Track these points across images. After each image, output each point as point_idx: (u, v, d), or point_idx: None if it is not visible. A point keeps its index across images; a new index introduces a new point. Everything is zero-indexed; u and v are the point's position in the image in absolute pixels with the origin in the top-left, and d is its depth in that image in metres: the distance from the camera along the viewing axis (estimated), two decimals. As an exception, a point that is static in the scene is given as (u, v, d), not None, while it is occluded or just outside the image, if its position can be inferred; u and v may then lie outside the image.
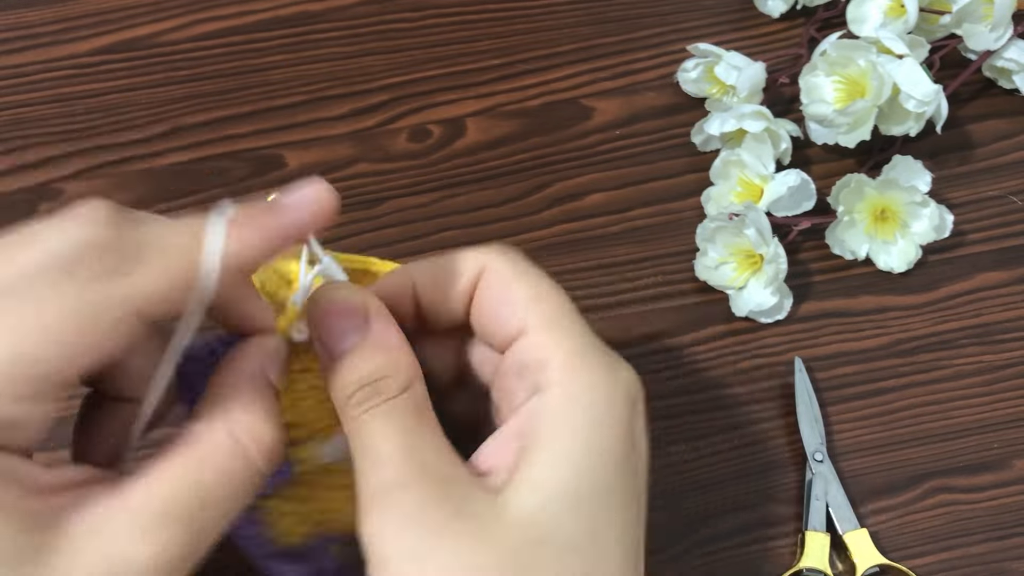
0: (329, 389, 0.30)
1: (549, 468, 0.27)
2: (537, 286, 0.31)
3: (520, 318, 0.30)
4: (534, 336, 0.30)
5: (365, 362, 0.29)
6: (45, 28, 0.55)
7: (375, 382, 0.29)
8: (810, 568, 0.41)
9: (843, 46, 0.48)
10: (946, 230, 0.48)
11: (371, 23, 0.56)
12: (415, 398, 0.29)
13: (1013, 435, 0.45)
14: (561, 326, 0.30)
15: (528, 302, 0.30)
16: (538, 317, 0.30)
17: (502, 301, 0.31)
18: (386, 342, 0.30)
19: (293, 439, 0.32)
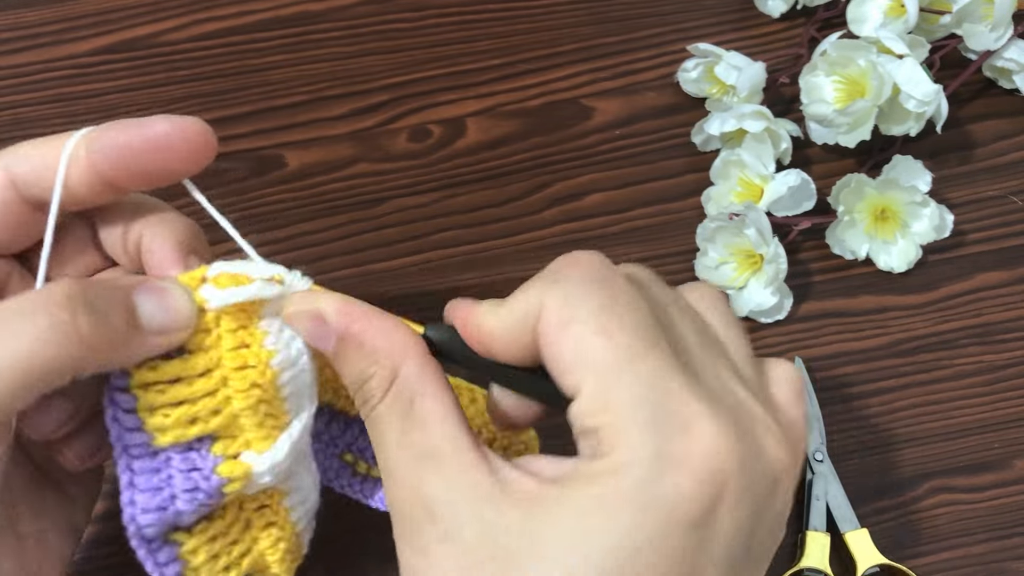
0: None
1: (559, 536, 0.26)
2: (591, 329, 0.27)
3: (574, 378, 0.27)
4: (586, 401, 0.27)
5: (345, 367, 0.30)
6: (45, 28, 0.55)
7: (361, 387, 0.29)
8: (810, 568, 0.41)
9: (843, 46, 0.48)
10: (946, 230, 0.48)
11: (371, 23, 0.56)
12: (401, 393, 0.29)
13: (1014, 435, 0.45)
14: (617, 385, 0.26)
15: (578, 358, 0.27)
16: (591, 375, 0.27)
17: (553, 358, 0.28)
18: (354, 338, 0.29)
19: (221, 452, 0.31)
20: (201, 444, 0.30)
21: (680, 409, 0.26)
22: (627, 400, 0.26)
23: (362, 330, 0.29)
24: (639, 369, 0.26)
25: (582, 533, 0.25)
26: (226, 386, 0.30)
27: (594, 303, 0.27)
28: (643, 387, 0.26)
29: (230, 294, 0.29)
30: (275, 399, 0.31)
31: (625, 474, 0.25)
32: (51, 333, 0.26)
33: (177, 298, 0.29)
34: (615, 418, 0.26)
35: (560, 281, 0.28)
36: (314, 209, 0.50)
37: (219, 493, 0.30)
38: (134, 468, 0.30)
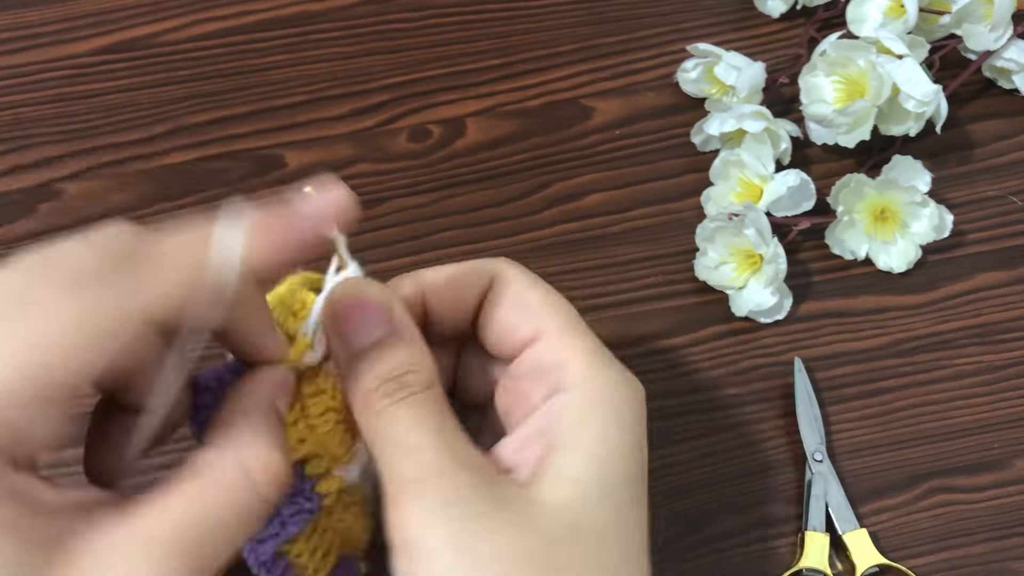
0: (349, 384, 0.30)
1: (579, 463, 0.29)
2: (550, 293, 0.32)
3: (536, 323, 0.32)
4: (552, 340, 0.31)
5: (392, 355, 0.30)
6: (45, 28, 0.55)
7: (402, 375, 0.29)
8: (810, 568, 0.41)
9: (843, 46, 0.48)
10: (946, 230, 0.48)
11: (371, 23, 0.56)
12: (439, 394, 0.30)
13: (1013, 435, 0.45)
14: (577, 331, 0.31)
15: (544, 308, 0.32)
16: (555, 322, 0.32)
17: (517, 308, 0.32)
18: (411, 338, 0.30)
19: (315, 473, 0.31)
20: (296, 468, 0.31)
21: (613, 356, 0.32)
22: (586, 342, 0.31)
23: (415, 333, 0.31)
24: (585, 326, 0.32)
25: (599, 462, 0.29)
26: (305, 415, 0.30)
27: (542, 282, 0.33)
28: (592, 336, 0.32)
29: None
30: (348, 414, 0.31)
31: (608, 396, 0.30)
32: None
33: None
34: (579, 353, 0.31)
35: (505, 262, 0.33)
36: (314, 209, 0.50)
37: (320, 506, 0.31)
38: None
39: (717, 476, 0.44)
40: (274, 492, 0.27)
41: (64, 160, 0.51)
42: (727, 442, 0.44)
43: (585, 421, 0.30)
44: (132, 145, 0.51)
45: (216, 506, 0.26)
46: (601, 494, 0.29)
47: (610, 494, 0.29)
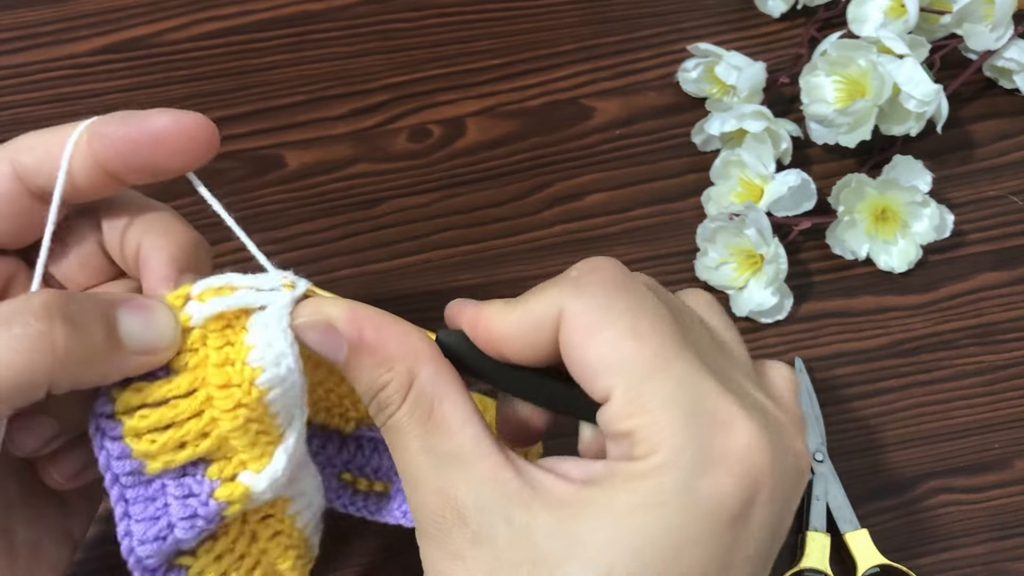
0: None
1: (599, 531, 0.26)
2: (620, 334, 0.27)
3: (604, 383, 0.27)
4: (618, 406, 0.27)
5: (359, 375, 0.29)
6: (45, 28, 0.55)
7: (376, 395, 0.29)
8: (811, 568, 0.41)
9: (843, 46, 0.48)
10: (946, 230, 0.48)
11: (371, 23, 0.56)
12: (420, 399, 0.28)
13: (1013, 435, 0.45)
14: (652, 389, 0.26)
15: (608, 364, 0.27)
16: (623, 380, 0.27)
17: (582, 363, 0.27)
18: (364, 345, 0.29)
19: (216, 476, 0.30)
20: (195, 468, 0.29)
21: (716, 409, 0.26)
22: (663, 401, 0.26)
23: (375, 336, 0.29)
24: (671, 371, 0.26)
25: (622, 532, 0.25)
26: (212, 407, 0.29)
27: (621, 307, 0.27)
28: (677, 388, 0.26)
29: (210, 306, 0.28)
30: (264, 416, 0.29)
31: (666, 473, 0.26)
32: (25, 343, 0.25)
33: (160, 317, 0.28)
34: (652, 419, 0.26)
35: (583, 286, 0.28)
36: (314, 209, 0.50)
37: (219, 517, 0.30)
38: (128, 498, 0.29)
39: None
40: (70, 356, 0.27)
41: (64, 160, 0.50)
42: (727, 442, 0.44)
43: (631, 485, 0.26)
44: (132, 145, 0.51)
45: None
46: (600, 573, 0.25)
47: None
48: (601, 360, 0.27)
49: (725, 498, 0.26)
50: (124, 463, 0.28)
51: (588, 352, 0.27)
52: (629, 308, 0.27)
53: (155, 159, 0.30)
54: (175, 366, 0.29)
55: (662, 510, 0.25)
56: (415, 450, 0.28)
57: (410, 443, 0.28)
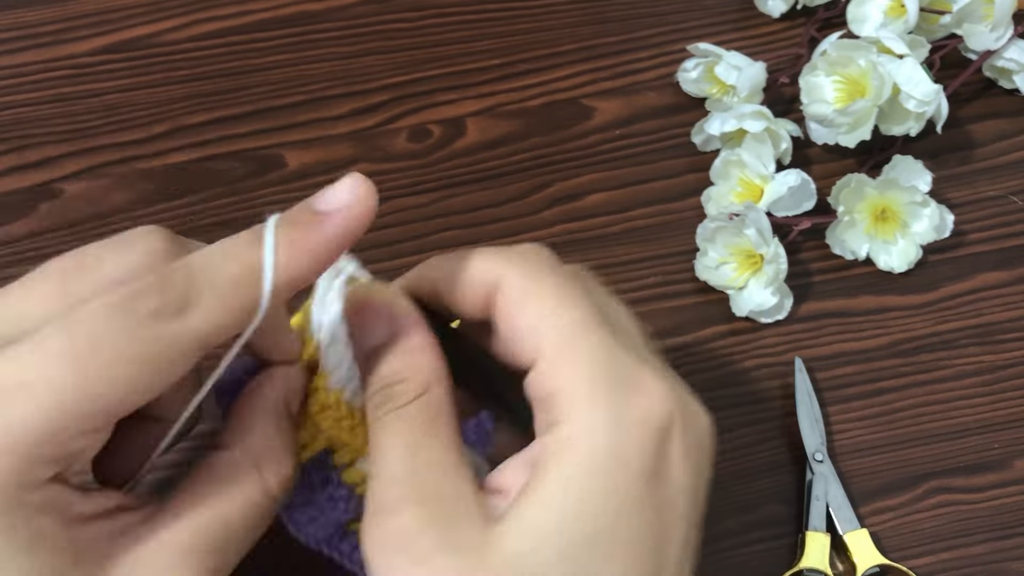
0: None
1: (543, 511, 0.26)
2: (549, 304, 0.28)
3: (531, 346, 0.28)
4: (544, 366, 0.28)
5: (386, 363, 0.29)
6: (45, 28, 0.55)
7: (390, 386, 0.29)
8: (810, 568, 0.41)
9: (843, 46, 0.48)
10: (946, 230, 0.48)
11: (371, 23, 0.56)
12: (429, 405, 0.29)
13: (1013, 435, 0.45)
14: (573, 351, 0.28)
15: (537, 327, 0.28)
16: (548, 344, 0.28)
17: (513, 327, 0.29)
18: (407, 343, 0.29)
19: (340, 463, 0.31)
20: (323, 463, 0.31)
21: (629, 372, 0.28)
22: (582, 365, 0.27)
23: (412, 337, 0.29)
24: (591, 339, 0.28)
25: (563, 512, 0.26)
26: (307, 412, 0.31)
27: (551, 282, 0.29)
28: (596, 354, 0.28)
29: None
30: (352, 411, 0.31)
31: (591, 438, 0.27)
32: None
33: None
34: (569, 384, 0.27)
35: (519, 261, 0.30)
36: (314, 209, 0.49)
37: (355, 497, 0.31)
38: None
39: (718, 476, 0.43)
40: (282, 493, 0.28)
41: (64, 160, 0.51)
42: (727, 442, 0.44)
43: (560, 465, 0.26)
44: (132, 145, 0.51)
45: (234, 510, 0.27)
46: (562, 549, 0.26)
47: (573, 549, 0.26)
48: (530, 326, 0.28)
49: (642, 454, 0.27)
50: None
51: (519, 319, 0.29)
52: (557, 283, 0.29)
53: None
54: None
55: (590, 479, 0.26)
56: (412, 444, 0.28)
57: (410, 437, 0.28)
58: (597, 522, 0.26)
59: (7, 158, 0.51)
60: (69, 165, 0.50)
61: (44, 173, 0.50)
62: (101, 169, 0.50)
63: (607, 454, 0.26)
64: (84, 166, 0.50)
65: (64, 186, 0.50)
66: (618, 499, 0.26)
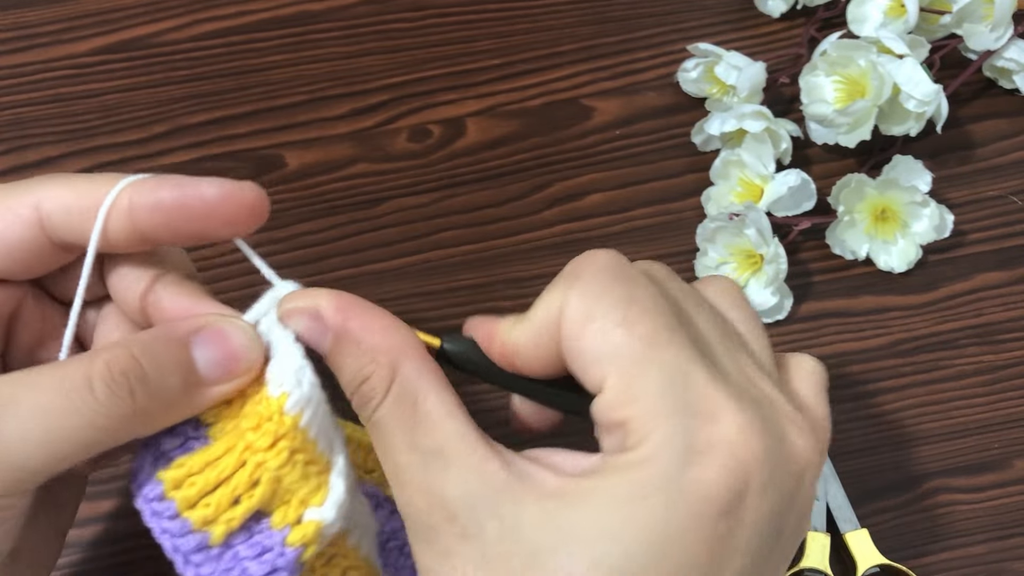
0: None
1: (588, 524, 0.26)
2: (613, 322, 0.27)
3: (597, 372, 0.27)
4: (610, 395, 0.27)
5: (343, 365, 0.29)
6: (45, 28, 0.55)
7: (359, 387, 0.28)
8: (810, 568, 0.41)
9: (843, 46, 0.48)
10: (946, 230, 0.48)
11: (371, 23, 0.56)
12: (405, 390, 0.28)
13: (1013, 435, 0.45)
14: (642, 375, 0.26)
15: (601, 351, 0.27)
16: (615, 369, 0.27)
17: (576, 354, 0.28)
18: (349, 334, 0.28)
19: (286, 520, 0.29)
20: (259, 524, 0.29)
21: (704, 398, 0.26)
22: (652, 391, 0.26)
23: (360, 327, 0.28)
24: (662, 359, 0.26)
25: (610, 525, 0.25)
26: (253, 452, 0.28)
27: (613, 297, 0.27)
28: (666, 377, 0.26)
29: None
30: (306, 443, 0.29)
31: (653, 465, 0.25)
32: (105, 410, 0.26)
33: (237, 339, 0.28)
34: (641, 410, 0.26)
35: (579, 279, 0.28)
36: (314, 209, 0.50)
37: (298, 564, 0.29)
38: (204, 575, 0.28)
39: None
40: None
41: (64, 160, 0.51)
42: (727, 442, 0.44)
43: (609, 488, 0.26)
44: (132, 145, 0.51)
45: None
46: (591, 567, 0.25)
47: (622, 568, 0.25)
48: (593, 350, 0.27)
49: (710, 490, 0.25)
50: (188, 539, 0.28)
51: (581, 343, 0.27)
52: (621, 297, 0.27)
53: (205, 229, 0.29)
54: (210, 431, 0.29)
55: (647, 503, 0.25)
56: (400, 447, 0.28)
57: (395, 439, 0.28)
58: (637, 549, 0.25)
59: (7, 158, 0.51)
60: (69, 165, 0.50)
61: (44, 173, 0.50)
62: (101, 169, 0.50)
63: (667, 485, 0.25)
64: (84, 166, 0.50)
65: (64, 186, 0.50)
66: (667, 530, 0.25)
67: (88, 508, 0.42)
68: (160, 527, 0.28)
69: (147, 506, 0.28)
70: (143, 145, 0.51)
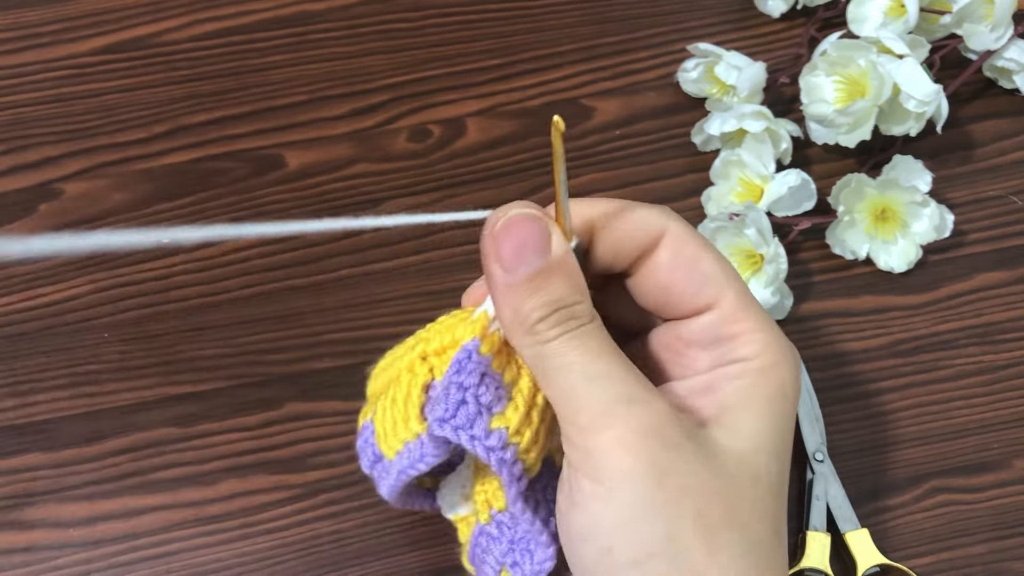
0: (506, 313, 0.30)
1: (757, 424, 0.30)
2: (721, 259, 0.32)
3: (712, 293, 0.32)
4: (727, 312, 0.31)
5: (558, 285, 0.29)
6: (45, 28, 0.55)
7: (570, 306, 0.29)
8: (811, 568, 0.41)
9: (843, 46, 0.48)
10: (946, 230, 0.48)
11: (371, 23, 0.56)
12: (602, 328, 0.30)
13: (1013, 435, 0.45)
14: (749, 302, 0.32)
15: (719, 276, 0.32)
16: (730, 293, 0.32)
17: (692, 274, 0.32)
18: (574, 268, 0.30)
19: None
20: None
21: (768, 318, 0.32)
22: (758, 312, 0.32)
23: (576, 266, 0.30)
24: (743, 283, 0.33)
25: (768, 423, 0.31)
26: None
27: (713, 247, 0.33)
28: (752, 296, 0.32)
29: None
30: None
31: (780, 370, 0.31)
32: None
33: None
34: (757, 325, 0.31)
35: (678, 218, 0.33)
36: (314, 209, 0.50)
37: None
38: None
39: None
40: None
41: (64, 160, 0.51)
42: (727, 442, 0.44)
43: (759, 389, 0.31)
44: (132, 145, 0.51)
45: None
46: (774, 453, 0.30)
47: (780, 454, 0.31)
48: (712, 273, 0.32)
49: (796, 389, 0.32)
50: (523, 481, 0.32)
51: (702, 264, 0.32)
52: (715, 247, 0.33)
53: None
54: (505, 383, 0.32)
55: (784, 400, 0.31)
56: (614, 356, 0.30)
57: (609, 347, 0.30)
58: (786, 438, 0.31)
59: (7, 158, 0.51)
60: (69, 165, 0.50)
61: (44, 173, 0.50)
62: (101, 169, 0.50)
63: (787, 389, 0.31)
64: (84, 166, 0.50)
65: (64, 186, 0.50)
66: (790, 422, 0.32)
67: (88, 508, 0.42)
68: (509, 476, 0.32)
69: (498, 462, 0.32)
70: (143, 145, 0.51)
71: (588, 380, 0.29)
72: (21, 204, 0.49)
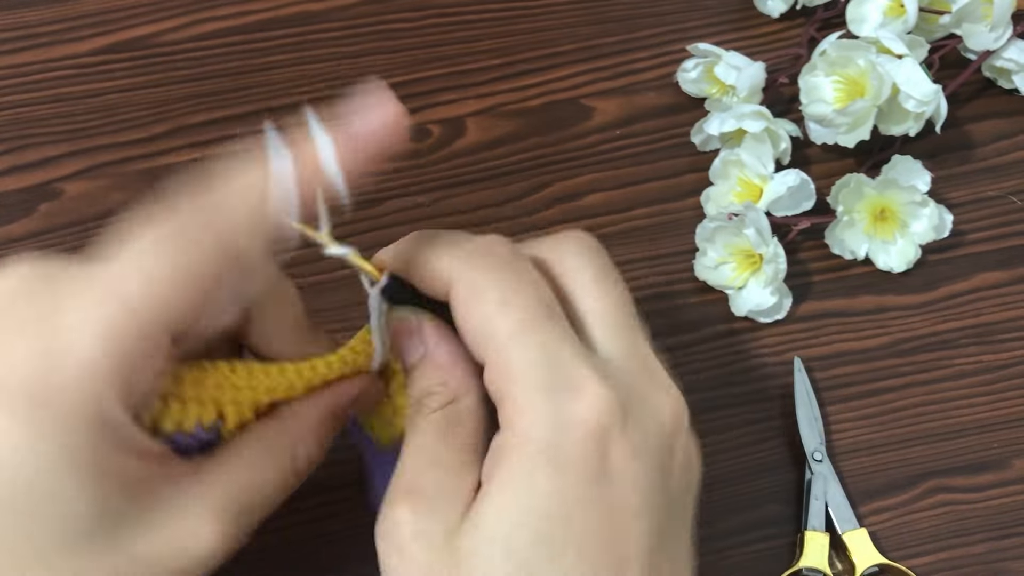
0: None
1: (491, 513, 0.28)
2: (494, 303, 0.29)
3: (479, 348, 0.29)
4: (489, 370, 0.29)
5: (419, 377, 0.32)
6: (45, 28, 0.55)
7: (422, 397, 0.31)
8: (809, 568, 0.41)
9: (843, 46, 0.48)
10: (946, 230, 0.48)
11: (371, 23, 0.56)
12: (453, 413, 0.31)
13: (1013, 435, 0.45)
14: (514, 354, 0.28)
15: (482, 329, 0.29)
16: (492, 347, 0.29)
17: (463, 327, 0.30)
18: (436, 360, 0.31)
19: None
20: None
21: (570, 374, 0.28)
22: (522, 369, 0.28)
23: (441, 355, 0.31)
24: (535, 338, 0.28)
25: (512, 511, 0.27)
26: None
27: (500, 278, 0.29)
28: (538, 355, 0.28)
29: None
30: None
31: (530, 442, 0.28)
32: None
33: None
34: (513, 385, 0.28)
35: (472, 256, 0.30)
36: (314, 209, 0.50)
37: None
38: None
39: (717, 476, 0.44)
40: (306, 475, 0.31)
41: (64, 160, 0.51)
42: (727, 442, 0.44)
43: (503, 469, 0.28)
44: (132, 145, 0.51)
45: (268, 480, 0.30)
46: (508, 551, 0.27)
47: (519, 554, 0.27)
48: (476, 327, 0.29)
49: (581, 458, 0.27)
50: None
51: (467, 319, 0.29)
52: (506, 280, 0.29)
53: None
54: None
55: (537, 480, 0.27)
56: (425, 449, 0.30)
57: (427, 438, 0.30)
58: (542, 524, 0.27)
59: (7, 158, 0.51)
60: (69, 165, 0.50)
61: (44, 173, 0.50)
62: (101, 169, 0.50)
63: (546, 458, 0.27)
64: (84, 166, 0.50)
65: (64, 186, 0.50)
66: (560, 500, 0.27)
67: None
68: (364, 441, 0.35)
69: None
70: (143, 145, 0.51)
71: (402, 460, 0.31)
72: (21, 204, 0.49)
